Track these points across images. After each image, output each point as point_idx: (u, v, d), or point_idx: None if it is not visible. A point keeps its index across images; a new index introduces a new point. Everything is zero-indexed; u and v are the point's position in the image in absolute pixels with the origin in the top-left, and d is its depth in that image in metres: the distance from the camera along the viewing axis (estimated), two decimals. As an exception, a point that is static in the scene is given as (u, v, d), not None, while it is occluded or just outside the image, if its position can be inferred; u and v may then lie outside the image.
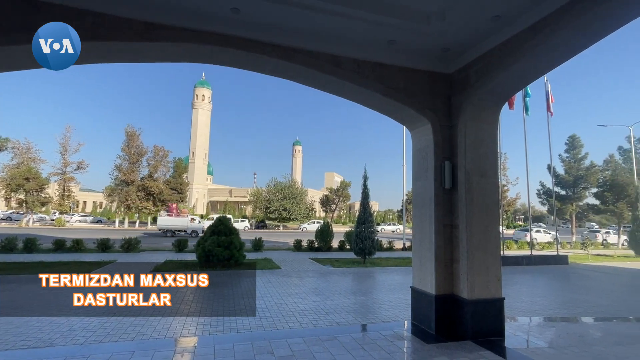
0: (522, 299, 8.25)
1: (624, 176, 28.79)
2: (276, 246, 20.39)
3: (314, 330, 5.23)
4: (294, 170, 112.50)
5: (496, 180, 4.95)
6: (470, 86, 4.78)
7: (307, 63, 4.52)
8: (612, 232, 31.37)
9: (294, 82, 5.22)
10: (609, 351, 4.46)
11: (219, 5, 3.81)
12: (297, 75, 4.90)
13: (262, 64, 4.63)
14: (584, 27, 3.44)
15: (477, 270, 4.60)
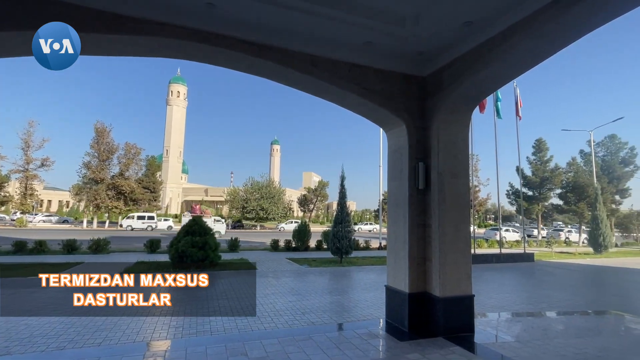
0: (491, 296, 8.57)
1: (585, 178, 30.54)
2: (253, 246, 20.17)
3: (290, 331, 5.21)
4: (271, 169, 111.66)
5: (467, 181, 5.12)
6: (443, 89, 4.91)
7: (283, 62, 4.49)
8: (573, 231, 33.20)
9: (270, 80, 5.18)
10: (568, 343, 4.71)
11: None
12: (273, 74, 4.85)
13: (237, 61, 4.56)
14: (548, 36, 3.61)
15: (448, 268, 4.74)
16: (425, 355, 3.96)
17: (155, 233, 29.49)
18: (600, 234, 21.03)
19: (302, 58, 4.64)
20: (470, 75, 4.43)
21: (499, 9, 3.82)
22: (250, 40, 4.32)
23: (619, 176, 31.64)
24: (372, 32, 4.38)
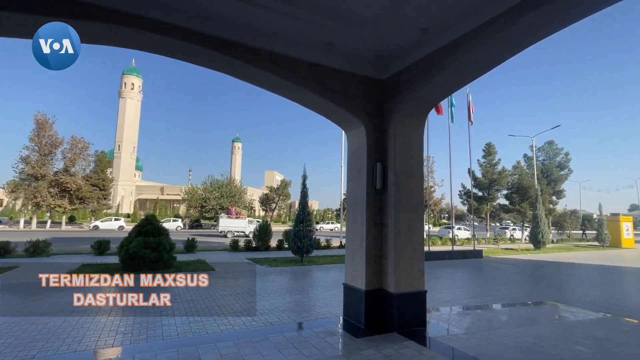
0: (443, 291, 9.02)
1: (528, 180, 33.15)
2: (211, 247, 19.55)
3: (247, 332, 5.11)
4: (233, 168, 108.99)
5: (421, 182, 5.33)
6: (400, 93, 5.07)
7: (242, 57, 4.39)
8: (517, 229, 35.94)
9: (230, 76, 5.04)
10: (509, 333, 5.09)
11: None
12: (232, 69, 4.73)
13: (194, 54, 4.38)
14: (495, 46, 3.86)
15: (403, 265, 4.91)
16: (380, 350, 4.07)
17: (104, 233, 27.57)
18: (539, 231, 22.96)
19: (262, 54, 4.57)
20: (425, 80, 4.62)
21: (452, 18, 4.02)
22: (208, 34, 4.18)
23: (555, 179, 34.76)
24: (333, 33, 4.42)
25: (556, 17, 3.37)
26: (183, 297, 7.42)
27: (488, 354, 4.16)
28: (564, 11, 3.29)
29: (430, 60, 4.60)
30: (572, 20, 3.45)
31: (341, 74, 5.22)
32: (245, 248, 17.54)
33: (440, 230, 34.80)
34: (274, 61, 4.68)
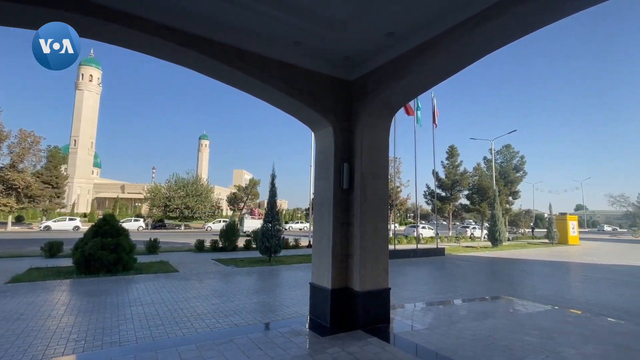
0: (408, 288, 9.30)
1: (487, 181, 34.97)
2: (175, 247, 18.87)
3: (210, 334, 4.99)
4: (199, 166, 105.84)
5: (386, 182, 5.47)
6: (367, 95, 5.17)
7: (208, 52, 4.28)
8: (477, 228, 37.83)
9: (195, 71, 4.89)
10: (467, 326, 5.35)
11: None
12: (197, 64, 4.59)
13: (157, 48, 4.21)
14: (456, 53, 4.04)
15: (368, 264, 5.01)
16: (345, 348, 4.12)
17: (57, 234, 25.75)
18: (496, 230, 24.29)
19: (229, 51, 4.48)
20: (391, 83, 4.74)
21: (416, 24, 4.16)
22: (172, 26, 4.03)
23: (512, 180, 36.97)
24: (302, 32, 4.42)
25: (513, 27, 3.59)
26: (143, 299, 7.11)
27: (447, 347, 4.35)
28: (521, 22, 3.50)
29: (396, 63, 4.72)
30: (529, 31, 3.68)
31: (310, 74, 5.23)
32: (211, 248, 17.10)
33: (406, 229, 35.89)
34: (242, 58, 4.60)
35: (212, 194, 48.04)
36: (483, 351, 4.29)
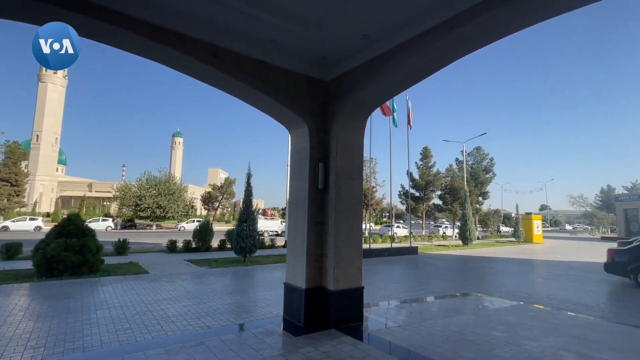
0: (381, 286, 9.46)
1: (458, 182, 36.16)
2: (146, 248, 18.24)
3: (181, 337, 4.86)
4: (173, 164, 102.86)
5: (361, 182, 5.53)
6: (342, 95, 5.21)
7: (181, 47, 4.16)
8: (449, 227, 39.03)
9: (168, 67, 4.74)
10: (438, 323, 5.51)
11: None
12: (169, 60, 4.45)
13: (126, 40, 4.04)
14: (428, 57, 4.14)
15: (342, 263, 5.05)
16: (318, 347, 4.14)
17: (16, 235, 24.21)
18: (467, 229, 25.16)
19: (202, 46, 4.38)
20: (365, 84, 4.79)
21: (390, 27, 4.23)
22: (143, 19, 3.89)
23: (482, 181, 38.39)
24: (277, 31, 4.39)
25: (481, 34, 3.72)
26: (110, 302, 6.83)
27: (417, 344, 4.46)
28: (489, 30, 3.64)
29: (371, 65, 4.79)
30: (497, 37, 3.83)
31: (286, 73, 5.20)
32: (184, 249, 16.67)
33: (381, 228, 36.48)
34: (216, 55, 4.51)
35: (185, 193, 46.83)
36: (452, 347, 4.43)
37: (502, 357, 4.12)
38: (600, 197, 68.15)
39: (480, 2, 3.38)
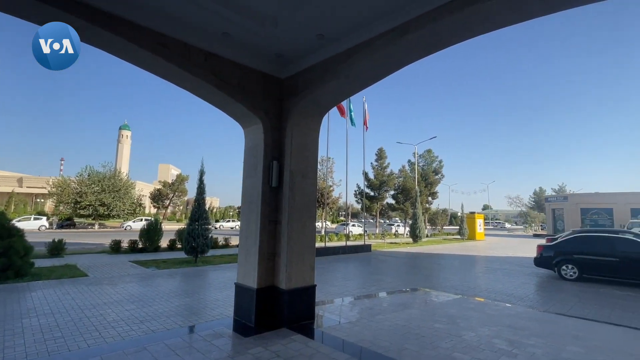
0: (335, 284, 9.61)
1: (410, 182, 37.82)
2: (86, 249, 16.85)
3: (121, 344, 4.54)
4: (119, 158, 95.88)
5: (315, 181, 5.57)
6: (297, 94, 5.20)
7: (125, 34, 3.89)
8: (401, 225, 40.72)
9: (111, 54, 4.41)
10: (387, 317, 5.72)
11: None
12: (112, 47, 4.15)
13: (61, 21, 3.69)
14: (381, 60, 4.28)
15: (295, 261, 5.05)
16: (268, 347, 4.10)
17: None
18: (417, 227, 26.43)
19: (148, 34, 4.14)
20: (320, 84, 4.83)
21: (344, 29, 4.30)
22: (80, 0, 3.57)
23: (431, 182, 40.49)
24: (230, 24, 4.27)
25: (430, 41, 3.92)
26: (40, 309, 6.21)
27: (366, 339, 4.60)
28: (437, 37, 3.84)
29: (325, 65, 4.83)
30: (442, 47, 4.05)
31: (240, 68, 5.08)
32: (129, 249, 15.64)
33: (337, 227, 37.10)
34: (163, 44, 4.28)
35: (133, 190, 43.92)
36: (399, 340, 4.63)
37: (443, 348, 4.38)
38: (534, 198, 75.14)
39: (427, 12, 3.56)
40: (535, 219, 67.58)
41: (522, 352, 4.30)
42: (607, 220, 38.67)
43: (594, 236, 11.43)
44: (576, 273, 10.75)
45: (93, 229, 38.15)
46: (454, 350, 4.29)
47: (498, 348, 4.43)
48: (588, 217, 39.93)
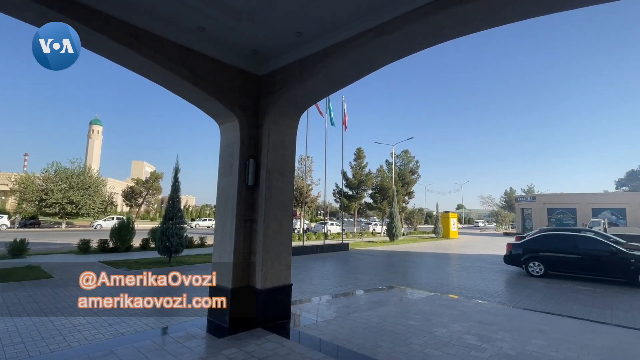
0: (312, 282, 9.62)
1: (388, 182, 38.42)
2: (52, 249, 16.05)
3: (87, 348, 4.35)
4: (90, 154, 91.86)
5: (292, 180, 5.54)
6: (275, 91, 5.16)
7: (90, 24, 3.71)
8: (378, 224, 41.32)
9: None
10: (362, 315, 5.78)
11: None
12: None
13: (20, 8, 3.48)
14: (357, 60, 4.31)
15: (270, 261, 5.01)
16: (242, 348, 4.05)
17: None
18: (394, 226, 26.91)
19: (119, 26, 3.97)
20: (298, 82, 4.81)
21: (322, 28, 4.30)
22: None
23: (408, 182, 41.31)
24: (206, 18, 4.17)
25: (406, 43, 3.98)
26: (7, 312, 5.84)
27: (341, 337, 4.62)
28: (412, 39, 3.90)
29: (303, 63, 4.81)
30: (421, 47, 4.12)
31: (216, 64, 4.97)
32: (99, 249, 15.03)
33: (315, 225, 37.18)
34: (136, 36, 4.12)
35: (103, 188, 42.19)
36: (373, 337, 4.68)
37: (416, 344, 4.47)
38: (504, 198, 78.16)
39: (403, 14, 3.61)
40: (506, 218, 70.32)
41: (491, 347, 4.46)
42: (570, 219, 40.78)
43: (558, 234, 12.03)
44: (542, 270, 11.26)
45: (60, 228, 36.40)
46: (427, 347, 4.39)
47: (468, 343, 4.57)
48: (554, 217, 41.96)
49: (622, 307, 7.52)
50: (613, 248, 10.35)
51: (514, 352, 4.31)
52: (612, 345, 4.72)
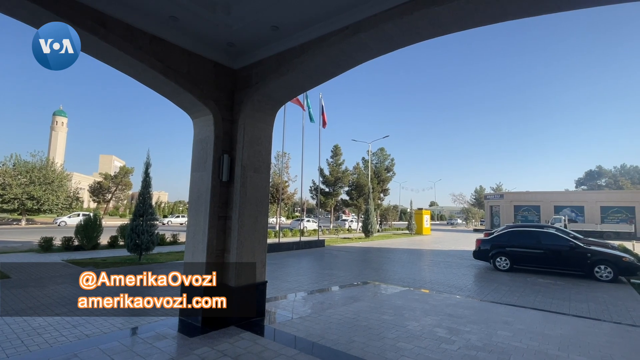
0: (288, 279, 9.60)
1: (364, 179, 38.91)
2: (10, 248, 15.09)
3: (47, 352, 4.12)
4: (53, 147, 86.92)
5: (268, 176, 5.48)
6: (251, 86, 5.07)
7: (55, 9, 3.49)
8: (354, 221, 41.79)
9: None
10: (337, 311, 5.83)
11: None
12: (36, 19, 3.68)
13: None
14: (334, 57, 4.30)
15: (245, 258, 4.94)
16: (214, 347, 3.97)
17: None
18: (369, 222, 27.30)
19: (85, 12, 3.76)
20: (274, 77, 4.75)
21: (299, 23, 4.26)
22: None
23: (383, 179, 42.00)
24: (178, 7, 4.02)
25: (382, 41, 4.01)
26: (-53, 318, 5.43)
27: (316, 333, 4.64)
28: (388, 37, 3.94)
29: (280, 58, 4.75)
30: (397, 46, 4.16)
31: (189, 55, 4.82)
32: (63, 247, 14.29)
33: (292, 222, 37.08)
34: (103, 23, 3.91)
35: (68, 182, 40.05)
36: (347, 332, 4.73)
37: (389, 338, 4.56)
38: (475, 196, 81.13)
39: (379, 13, 3.64)
40: (476, 215, 73.04)
41: (460, 339, 4.62)
42: (535, 216, 42.96)
43: (523, 231, 12.63)
44: (508, 264, 11.80)
45: (19, 225, 34.27)
46: (399, 340, 4.49)
47: (439, 336, 4.71)
48: (520, 214, 44.05)
49: (579, 299, 8.01)
50: (572, 243, 11.01)
51: (481, 343, 4.49)
52: (570, 334, 5.03)
